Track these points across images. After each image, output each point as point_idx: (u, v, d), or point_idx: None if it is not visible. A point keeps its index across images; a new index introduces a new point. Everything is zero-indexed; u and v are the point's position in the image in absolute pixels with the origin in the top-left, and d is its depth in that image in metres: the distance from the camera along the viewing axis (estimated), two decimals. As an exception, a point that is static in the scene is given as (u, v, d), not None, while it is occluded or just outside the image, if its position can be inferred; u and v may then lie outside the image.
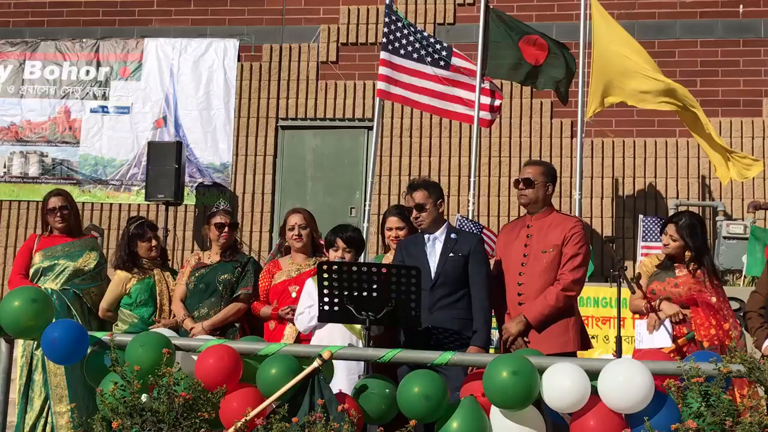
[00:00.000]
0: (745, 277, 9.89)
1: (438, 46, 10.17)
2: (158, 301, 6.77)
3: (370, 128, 11.38)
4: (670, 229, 6.17)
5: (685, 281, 6.02)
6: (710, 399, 4.08)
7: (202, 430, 4.41)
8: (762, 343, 5.93)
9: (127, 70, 12.98)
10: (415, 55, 10.06)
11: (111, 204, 12.76)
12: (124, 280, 6.81)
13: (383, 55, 10.05)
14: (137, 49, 13.01)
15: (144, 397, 4.50)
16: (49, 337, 4.85)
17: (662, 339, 5.90)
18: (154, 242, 6.90)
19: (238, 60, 12.77)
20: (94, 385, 4.90)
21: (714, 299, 5.94)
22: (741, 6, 12.05)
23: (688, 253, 6.11)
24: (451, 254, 5.73)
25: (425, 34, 10.37)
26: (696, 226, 6.21)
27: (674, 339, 5.87)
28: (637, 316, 6.20)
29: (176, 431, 4.32)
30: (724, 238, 10.75)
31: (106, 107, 12.94)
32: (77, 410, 5.41)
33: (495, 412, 4.60)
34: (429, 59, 10.07)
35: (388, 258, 6.35)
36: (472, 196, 10.39)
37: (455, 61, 10.18)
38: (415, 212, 5.85)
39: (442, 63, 10.11)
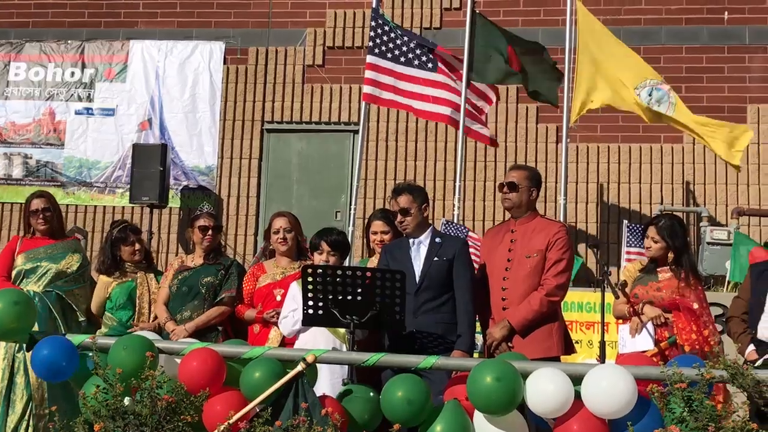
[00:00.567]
0: (728, 282, 9.92)
1: (425, 48, 10.15)
2: (137, 305, 6.72)
3: (356, 132, 11.38)
4: (651, 231, 6.19)
5: (668, 285, 6.04)
6: (693, 404, 4.09)
7: (185, 433, 4.40)
8: (745, 348, 5.96)
9: (112, 71, 12.95)
10: (402, 59, 10.06)
11: (95, 206, 12.72)
12: (107, 284, 6.78)
13: (369, 58, 10.05)
14: (122, 51, 12.98)
15: (127, 401, 4.48)
16: (39, 356, 4.84)
17: (644, 342, 5.92)
18: (137, 246, 6.86)
19: (224, 63, 12.76)
20: (77, 388, 4.88)
21: (696, 305, 5.96)
22: (726, 13, 12.11)
23: (670, 255, 6.13)
24: (435, 258, 5.72)
25: (412, 35, 10.36)
26: (675, 226, 6.24)
27: (656, 342, 5.88)
28: (620, 321, 6.22)
29: (159, 434, 4.31)
30: (708, 243, 10.79)
31: (91, 109, 12.90)
32: (58, 413, 5.37)
33: (478, 417, 4.60)
34: (416, 62, 10.07)
35: (373, 262, 6.34)
36: (458, 201, 10.39)
37: (442, 65, 10.17)
38: (399, 216, 5.84)
39: (430, 65, 10.11)
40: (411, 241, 5.84)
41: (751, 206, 11.55)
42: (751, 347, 5.92)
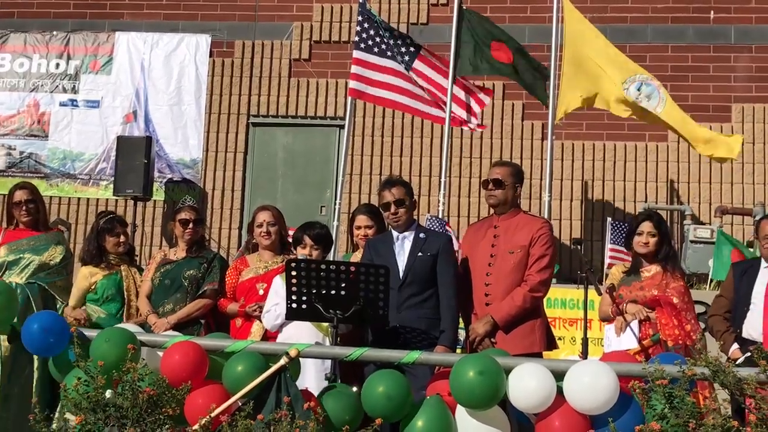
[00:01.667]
0: (711, 280, 9.97)
1: (411, 46, 10.16)
2: (126, 297, 6.70)
3: (342, 127, 11.36)
4: (647, 226, 6.17)
5: (651, 282, 6.06)
6: (674, 401, 4.11)
7: (167, 426, 4.38)
8: (729, 347, 5.99)
9: (97, 63, 12.90)
10: (388, 53, 10.06)
11: (79, 198, 12.68)
12: (88, 276, 6.74)
13: (356, 53, 10.05)
14: (108, 43, 12.93)
15: (109, 393, 4.46)
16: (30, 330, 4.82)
17: (629, 341, 5.94)
18: (122, 238, 6.83)
19: (210, 55, 12.73)
20: (58, 380, 4.86)
21: (676, 300, 5.99)
22: (712, 12, 12.16)
23: (663, 248, 6.17)
24: (419, 254, 5.72)
25: (398, 32, 10.37)
26: (663, 220, 6.31)
27: (640, 341, 5.91)
28: (606, 322, 6.24)
29: (140, 427, 4.29)
30: (691, 242, 10.84)
31: (76, 101, 12.85)
32: (38, 405, 5.35)
33: (461, 412, 4.61)
34: (401, 58, 10.07)
35: (357, 256, 6.33)
36: (443, 197, 10.41)
37: (417, 65, 10.15)
38: (393, 207, 5.81)
39: (407, 59, 10.11)
40: (395, 236, 5.84)
41: (735, 205, 11.61)
42: (735, 346, 5.95)
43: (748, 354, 5.49)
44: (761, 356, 4.25)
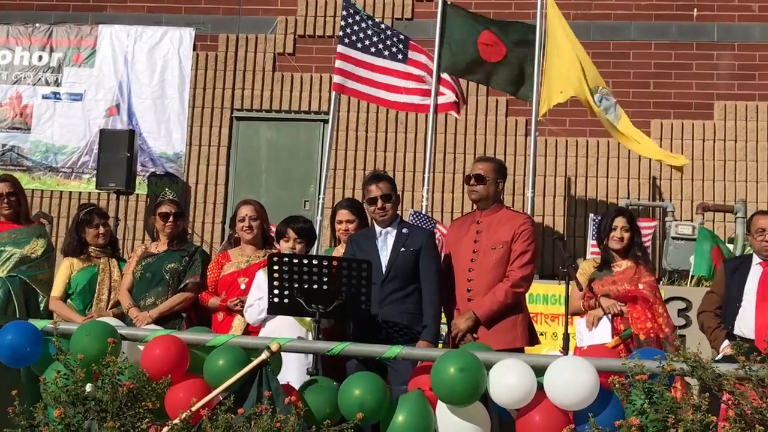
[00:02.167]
0: (692, 277, 10.02)
1: (396, 39, 10.16)
2: (97, 290, 6.64)
3: (326, 121, 11.35)
4: (621, 221, 6.23)
5: (622, 278, 6.11)
6: (653, 396, 4.13)
7: (147, 420, 4.37)
8: (720, 343, 6.01)
9: (80, 56, 12.83)
10: (372, 49, 10.06)
11: (61, 192, 12.62)
12: (69, 266, 6.69)
13: (340, 48, 10.04)
14: (91, 36, 12.86)
15: (89, 387, 4.45)
16: (4, 341, 4.81)
17: (601, 335, 5.97)
18: (102, 229, 6.77)
19: (194, 49, 12.68)
20: (38, 374, 4.84)
21: (649, 294, 6.05)
22: (695, 10, 12.20)
23: (634, 243, 6.23)
24: (402, 249, 5.72)
25: (383, 26, 10.36)
26: (633, 215, 6.37)
27: (612, 335, 5.95)
28: (577, 317, 6.28)
29: (120, 421, 4.28)
30: (673, 238, 10.88)
31: (59, 94, 12.79)
32: (19, 398, 5.33)
33: (441, 407, 4.62)
34: (387, 53, 10.07)
35: (339, 251, 6.33)
36: (426, 192, 10.41)
37: (413, 54, 10.18)
38: (381, 202, 5.80)
39: (400, 56, 10.11)
40: (378, 231, 5.84)
41: (716, 202, 11.67)
42: (726, 342, 5.97)
43: (726, 350, 5.54)
44: (740, 352, 4.27)
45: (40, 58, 12.91)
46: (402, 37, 10.29)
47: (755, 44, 12.06)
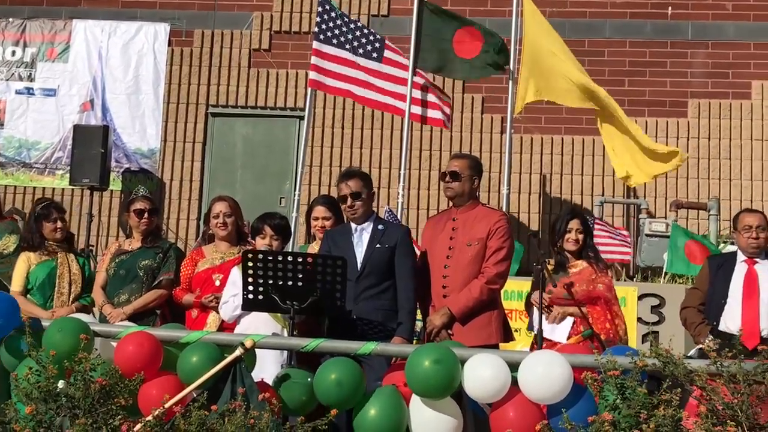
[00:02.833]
0: (666, 273, 10.08)
1: (371, 38, 10.16)
2: (57, 285, 6.58)
3: (302, 118, 11.33)
4: (576, 223, 6.27)
5: (579, 279, 6.12)
6: (626, 392, 4.16)
7: (119, 416, 4.35)
8: (704, 339, 6.05)
9: (54, 51, 12.73)
10: (347, 46, 10.05)
11: (35, 188, 12.53)
12: (26, 260, 6.61)
13: (315, 44, 10.02)
14: (65, 31, 12.77)
15: (61, 383, 4.42)
16: None
17: (561, 334, 6.00)
18: (59, 224, 6.70)
19: (169, 44, 12.61)
20: (9, 370, 4.81)
21: (607, 293, 6.11)
22: (670, 8, 12.27)
23: (587, 244, 6.29)
24: (378, 245, 5.73)
25: (359, 24, 10.35)
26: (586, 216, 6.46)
27: (569, 336, 6.00)
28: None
29: (92, 417, 4.25)
30: (647, 235, 10.95)
31: (32, 89, 12.69)
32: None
33: (414, 403, 4.63)
34: (362, 51, 10.06)
35: (314, 248, 6.33)
36: (402, 189, 10.41)
37: (388, 54, 10.18)
38: (350, 200, 5.80)
39: (374, 55, 10.10)
40: (353, 227, 5.84)
41: (690, 199, 11.75)
42: (710, 338, 6.01)
43: (700, 347, 5.58)
44: (712, 349, 4.30)
45: (14, 53, 12.80)
46: (378, 36, 10.28)
47: (729, 42, 12.15)
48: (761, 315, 6.01)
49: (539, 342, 5.58)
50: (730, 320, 6.07)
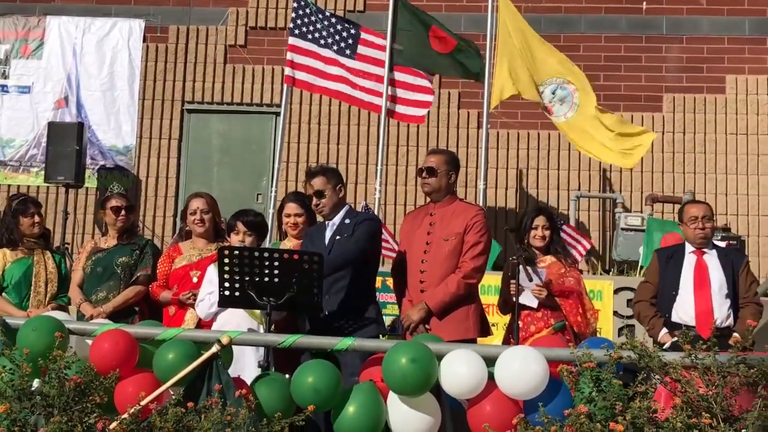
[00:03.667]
0: (641, 267, 10.14)
1: (345, 34, 10.12)
2: (33, 284, 6.53)
3: (278, 114, 11.30)
4: (542, 220, 6.38)
5: (549, 273, 6.19)
6: (602, 384, 4.18)
7: (94, 414, 4.33)
8: (658, 331, 6.12)
9: (28, 48, 12.63)
10: (322, 41, 10.02)
11: (9, 185, 12.43)
12: (2, 258, 6.55)
13: (291, 40, 10.00)
14: (39, 27, 12.67)
15: (36, 382, 4.40)
16: None
17: (530, 300, 6.04)
18: (37, 218, 6.65)
19: (144, 41, 12.53)
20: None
21: (578, 287, 6.18)
22: (644, 3, 12.33)
23: (554, 239, 6.38)
24: (337, 237, 5.72)
25: (333, 20, 10.30)
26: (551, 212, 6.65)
27: (540, 329, 6.06)
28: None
29: (67, 415, 4.23)
30: (623, 229, 11.02)
31: (6, 86, 12.59)
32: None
33: (392, 398, 4.63)
34: (335, 47, 10.04)
35: (286, 244, 6.33)
36: (379, 184, 10.42)
37: (362, 49, 10.14)
38: (315, 199, 5.82)
39: (348, 52, 10.09)
40: (327, 223, 5.84)
41: (665, 193, 11.83)
42: (665, 330, 6.10)
43: (675, 339, 5.61)
44: (687, 340, 4.33)
45: (-13, 49, 12.70)
46: (353, 31, 10.24)
47: (703, 37, 12.22)
48: (713, 305, 6.09)
49: (515, 336, 5.61)
50: (682, 311, 6.15)
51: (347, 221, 5.80)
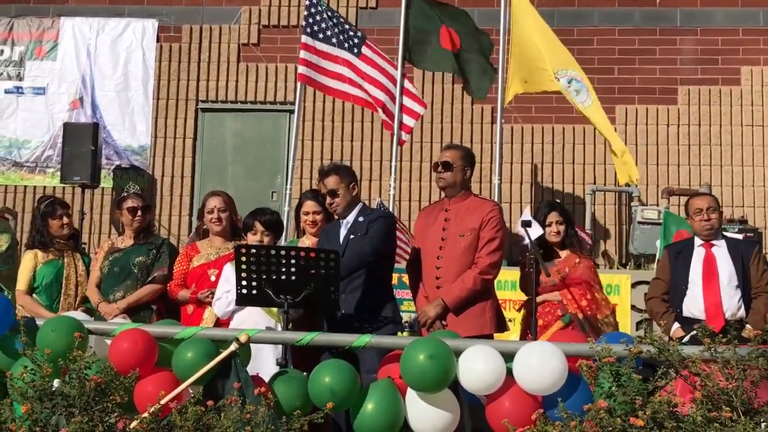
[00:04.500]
0: (658, 261, 10.08)
1: (351, 33, 10.10)
2: (64, 286, 6.57)
3: (292, 112, 11.31)
4: (555, 216, 6.38)
5: (562, 267, 6.19)
6: (621, 379, 4.17)
7: (115, 414, 4.35)
8: (670, 327, 6.11)
9: (42, 49, 12.69)
10: (333, 40, 10.00)
11: (25, 186, 12.50)
12: (33, 257, 6.58)
13: (304, 38, 9.98)
14: (53, 29, 12.72)
15: (57, 382, 4.42)
16: None
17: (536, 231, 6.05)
18: (65, 220, 6.69)
19: (157, 40, 12.57)
20: (4, 369, 4.80)
21: (587, 275, 6.21)
22: (658, -5, 12.29)
23: (568, 233, 6.39)
24: (351, 236, 5.72)
25: (341, 20, 10.28)
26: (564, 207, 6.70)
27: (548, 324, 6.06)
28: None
29: (88, 415, 4.25)
30: (639, 223, 10.98)
31: (21, 88, 12.65)
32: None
33: (411, 395, 4.63)
34: (346, 45, 10.02)
35: (304, 242, 6.34)
36: (393, 181, 10.39)
37: (365, 50, 10.11)
38: (329, 198, 5.82)
39: (355, 50, 10.07)
40: (341, 222, 5.85)
41: (681, 186, 11.78)
42: (677, 325, 6.08)
43: (694, 332, 5.59)
44: (705, 334, 4.31)
45: (2, 52, 12.77)
46: (360, 34, 10.21)
47: (717, 29, 12.17)
48: (723, 297, 6.07)
49: (533, 331, 5.60)
50: (693, 305, 6.15)
51: (361, 219, 5.80)
